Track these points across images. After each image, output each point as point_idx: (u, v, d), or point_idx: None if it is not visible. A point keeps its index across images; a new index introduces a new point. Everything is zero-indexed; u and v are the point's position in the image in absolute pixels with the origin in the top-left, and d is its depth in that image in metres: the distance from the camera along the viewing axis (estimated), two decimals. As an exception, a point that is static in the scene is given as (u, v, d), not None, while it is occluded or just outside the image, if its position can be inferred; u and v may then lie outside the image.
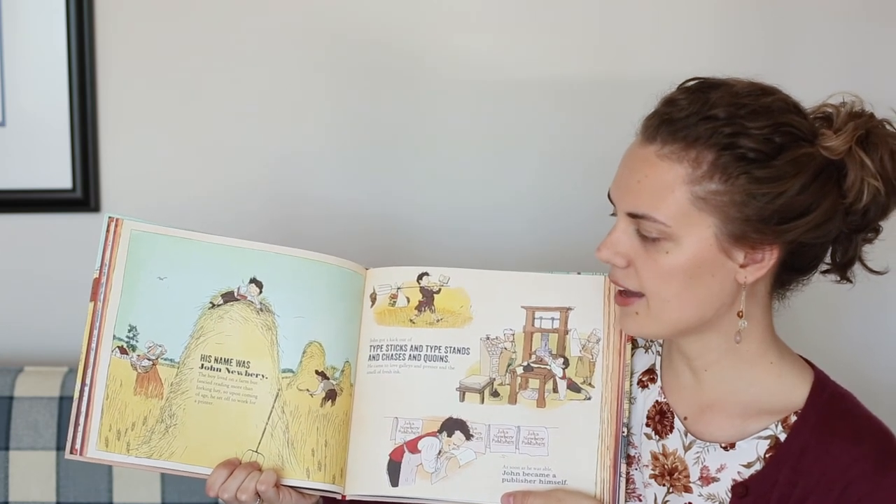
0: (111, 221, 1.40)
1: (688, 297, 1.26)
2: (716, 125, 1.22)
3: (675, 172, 1.23)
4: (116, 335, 1.37)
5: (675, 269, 1.24)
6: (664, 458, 1.36)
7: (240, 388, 1.38)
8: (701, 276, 1.25)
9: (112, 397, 1.36)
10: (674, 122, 1.24)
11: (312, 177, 2.04)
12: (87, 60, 2.00)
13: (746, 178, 1.21)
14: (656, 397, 1.38)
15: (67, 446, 1.34)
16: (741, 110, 1.22)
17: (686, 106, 1.24)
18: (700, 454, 1.33)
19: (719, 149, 1.22)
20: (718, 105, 1.23)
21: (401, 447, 1.38)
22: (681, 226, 1.23)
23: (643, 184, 1.24)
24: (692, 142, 1.22)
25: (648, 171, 1.24)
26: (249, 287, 1.40)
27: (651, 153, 1.24)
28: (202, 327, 1.39)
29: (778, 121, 1.22)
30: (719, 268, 1.25)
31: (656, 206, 1.23)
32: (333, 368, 1.40)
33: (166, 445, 1.36)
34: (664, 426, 1.36)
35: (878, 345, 2.06)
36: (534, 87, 2.00)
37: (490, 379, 1.40)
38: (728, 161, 1.21)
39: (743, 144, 1.21)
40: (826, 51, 1.98)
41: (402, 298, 1.43)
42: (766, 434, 1.31)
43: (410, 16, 1.99)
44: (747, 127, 1.21)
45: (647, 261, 1.26)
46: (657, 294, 1.26)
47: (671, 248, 1.24)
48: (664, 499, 1.35)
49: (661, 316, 1.28)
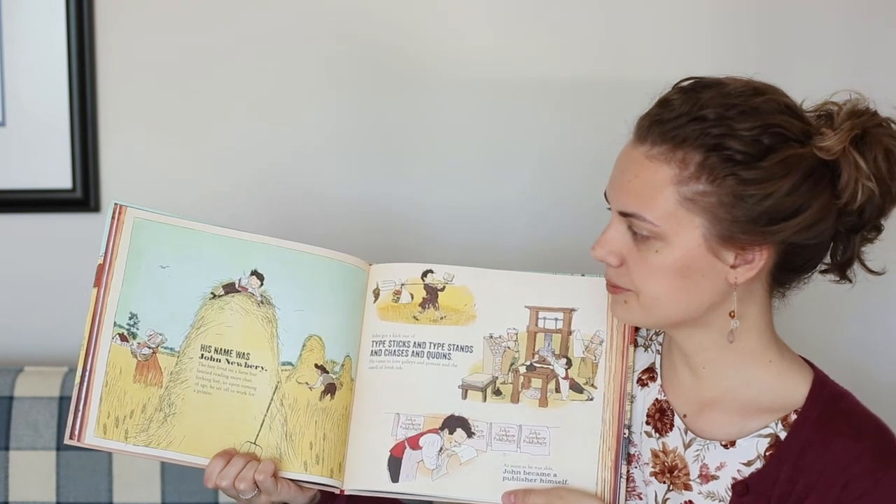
0: (116, 208, 1.39)
1: (678, 296, 1.26)
2: (704, 126, 1.22)
3: (663, 173, 1.23)
4: (117, 322, 1.36)
5: (665, 267, 1.25)
6: (664, 455, 1.35)
7: (239, 379, 1.37)
8: (691, 276, 1.25)
9: (111, 384, 1.35)
10: (664, 123, 1.24)
11: (314, 176, 2.03)
12: (87, 60, 1.99)
13: (734, 179, 1.21)
14: (656, 395, 1.38)
15: (66, 431, 1.34)
16: (730, 111, 1.22)
17: (678, 106, 1.24)
18: (700, 452, 1.33)
19: (706, 150, 1.21)
20: (708, 106, 1.22)
21: (402, 443, 1.37)
22: (669, 226, 1.24)
23: (633, 184, 1.25)
24: (680, 143, 1.23)
25: (638, 171, 1.25)
26: (251, 279, 1.40)
27: (641, 154, 1.25)
28: (203, 317, 1.38)
29: (767, 122, 1.22)
30: (709, 268, 1.25)
31: (645, 205, 1.24)
32: (333, 362, 1.39)
33: (164, 434, 1.35)
34: (664, 424, 1.36)
35: (878, 345, 2.05)
36: (535, 87, 2.00)
37: (493, 377, 1.39)
38: (715, 162, 1.21)
39: (730, 146, 1.21)
40: (828, 49, 1.98)
41: (406, 295, 1.42)
42: (766, 432, 1.30)
43: (412, 16, 1.99)
44: (735, 128, 1.21)
45: (639, 259, 1.26)
46: (647, 291, 1.27)
47: (661, 248, 1.25)
48: (664, 497, 1.34)
49: (651, 310, 1.28)
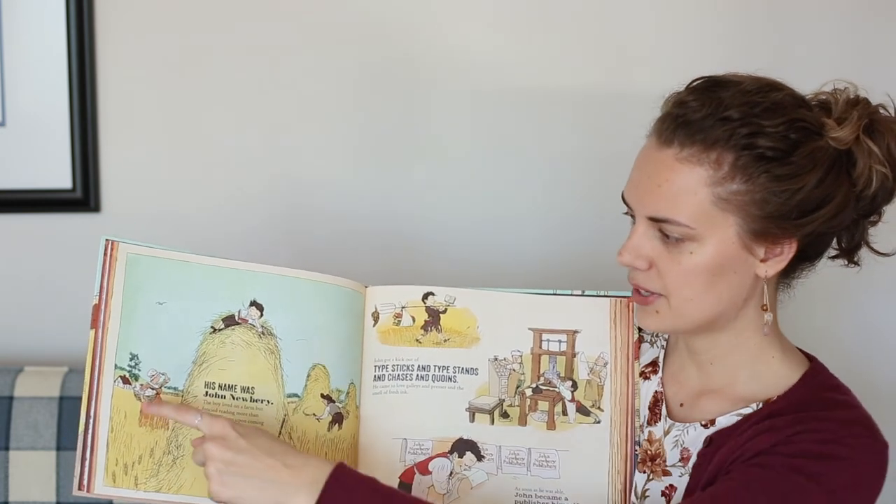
0: (107, 244, 1.36)
1: (710, 295, 1.27)
2: (733, 126, 1.23)
3: (696, 175, 1.23)
4: (118, 364, 1.34)
5: (699, 268, 1.25)
6: (649, 444, 1.36)
7: (245, 414, 1.35)
8: (723, 274, 1.26)
9: (117, 430, 1.32)
10: (690, 125, 1.24)
11: (313, 177, 2.02)
12: (87, 60, 1.99)
13: (767, 176, 1.23)
14: (656, 388, 1.39)
15: (75, 482, 1.31)
16: (755, 108, 1.23)
17: (699, 107, 1.25)
18: (679, 437, 1.34)
19: (739, 149, 1.23)
20: (732, 105, 1.24)
21: (411, 469, 1.36)
22: (704, 227, 1.24)
23: (664, 188, 1.25)
24: (711, 144, 1.23)
25: (669, 174, 1.25)
26: (250, 310, 1.38)
27: (670, 156, 1.25)
28: (204, 353, 1.36)
29: (791, 117, 1.24)
30: (741, 264, 1.27)
31: (679, 209, 1.24)
32: (339, 391, 1.38)
33: (175, 478, 1.33)
34: (655, 414, 1.37)
35: (877, 343, 2.04)
36: (540, 97, 1.99)
37: (500, 400, 1.38)
38: (748, 161, 1.23)
39: (761, 144, 1.22)
40: (826, 44, 1.97)
41: (407, 318, 1.40)
42: (746, 412, 1.31)
43: (415, 26, 1.98)
44: (763, 126, 1.23)
45: (671, 262, 1.27)
46: (680, 294, 1.27)
47: (695, 249, 1.25)
48: (644, 486, 1.35)
49: (682, 313, 1.29)
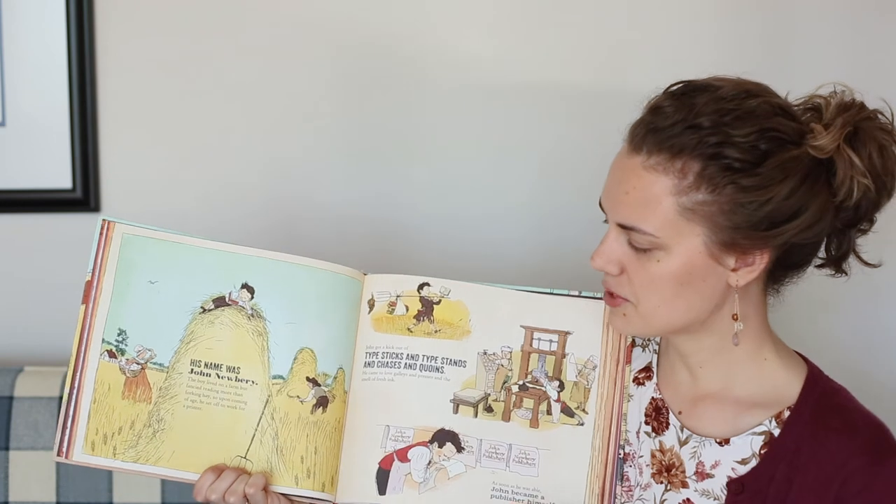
0: (103, 224, 1.39)
1: (678, 303, 1.26)
2: (701, 134, 1.20)
3: (661, 184, 1.22)
4: (105, 339, 1.36)
5: (666, 276, 1.24)
6: (661, 454, 1.35)
7: (229, 393, 1.36)
8: (692, 283, 1.25)
9: (100, 401, 1.35)
10: (659, 132, 1.22)
11: (311, 180, 2.02)
12: (87, 61, 1.99)
13: (733, 187, 1.20)
14: (652, 394, 1.38)
15: (55, 448, 1.34)
16: (725, 117, 1.20)
17: (671, 114, 1.23)
18: (697, 449, 1.32)
19: (705, 158, 1.20)
20: (703, 112, 1.21)
21: (390, 455, 1.36)
22: (670, 236, 1.23)
23: (631, 196, 1.24)
24: (678, 152, 1.21)
25: (636, 182, 1.23)
26: (241, 292, 1.39)
27: (637, 164, 1.23)
28: (193, 332, 1.38)
29: (763, 126, 1.21)
30: (710, 273, 1.25)
31: (644, 217, 1.23)
32: (325, 375, 1.38)
33: (153, 450, 1.35)
34: (660, 423, 1.36)
35: (875, 343, 2.04)
36: (535, 94, 1.98)
37: (485, 394, 1.38)
38: (714, 171, 1.20)
39: (728, 154, 1.20)
40: (823, 44, 1.96)
41: (401, 307, 1.41)
42: (760, 430, 1.30)
43: (410, 23, 1.98)
44: (732, 135, 1.20)
45: (639, 268, 1.26)
46: (648, 300, 1.26)
47: (662, 257, 1.24)
48: (662, 497, 1.34)
49: (650, 319, 1.28)
